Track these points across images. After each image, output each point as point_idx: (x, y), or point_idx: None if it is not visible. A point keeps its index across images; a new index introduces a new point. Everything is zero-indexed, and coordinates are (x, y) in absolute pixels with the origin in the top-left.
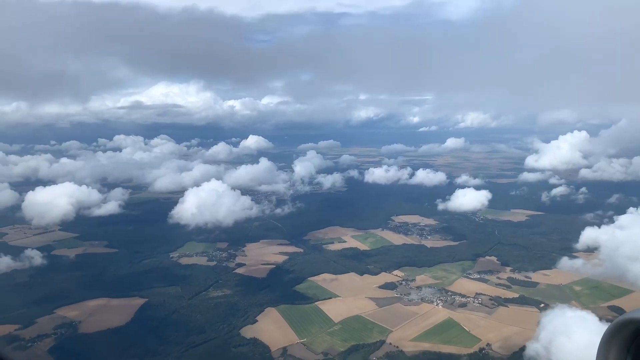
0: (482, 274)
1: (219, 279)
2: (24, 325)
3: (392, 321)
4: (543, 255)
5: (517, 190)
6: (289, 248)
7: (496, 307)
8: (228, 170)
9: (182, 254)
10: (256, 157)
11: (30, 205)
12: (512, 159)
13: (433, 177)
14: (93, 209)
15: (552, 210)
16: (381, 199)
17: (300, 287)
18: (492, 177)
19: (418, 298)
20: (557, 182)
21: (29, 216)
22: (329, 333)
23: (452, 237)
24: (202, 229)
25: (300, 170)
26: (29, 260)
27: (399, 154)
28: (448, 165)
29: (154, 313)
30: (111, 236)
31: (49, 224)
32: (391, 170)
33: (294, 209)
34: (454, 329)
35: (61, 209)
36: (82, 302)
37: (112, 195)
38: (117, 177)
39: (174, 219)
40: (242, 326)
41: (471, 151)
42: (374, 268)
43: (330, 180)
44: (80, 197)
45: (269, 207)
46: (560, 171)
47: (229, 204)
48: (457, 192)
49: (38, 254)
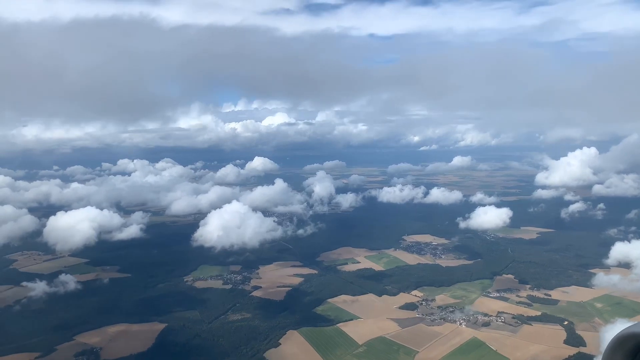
0: (501, 293)
1: (237, 302)
2: (45, 353)
3: (416, 342)
4: (560, 272)
5: (535, 207)
6: (303, 270)
7: (520, 325)
8: (243, 192)
9: (197, 278)
10: (264, 178)
11: (53, 231)
12: (520, 177)
13: (448, 195)
14: (114, 233)
15: (573, 227)
16: (393, 219)
17: (320, 309)
18: (504, 195)
19: (440, 318)
20: (573, 198)
21: (52, 241)
22: (354, 355)
23: (466, 256)
24: (217, 251)
25: (320, 190)
26: (42, 287)
27: (407, 173)
28: (457, 184)
29: (175, 338)
30: (123, 261)
31: (72, 249)
32: (405, 189)
33: (310, 229)
34: (481, 348)
35: (84, 234)
36: (101, 328)
37: (132, 219)
38: (130, 200)
39: (194, 241)
40: (265, 350)
41: (478, 169)
42: (392, 289)
43: (345, 200)
44: (102, 222)
45: (289, 228)
46: (573, 188)
47: (254, 226)
48: (478, 210)
49: (50, 281)
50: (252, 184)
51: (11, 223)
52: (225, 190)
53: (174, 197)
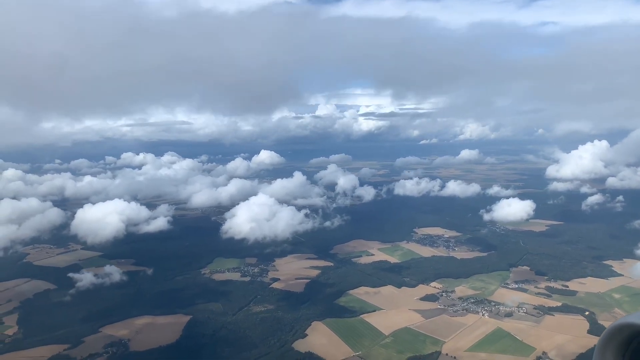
0: (519, 284)
1: (257, 294)
2: (73, 345)
3: (442, 332)
4: (574, 264)
5: (555, 200)
6: (319, 262)
7: (542, 315)
8: (261, 185)
9: (213, 270)
10: (272, 172)
11: (82, 223)
12: (524, 170)
13: (465, 188)
14: (141, 225)
15: (585, 220)
16: (404, 212)
17: (342, 300)
18: (513, 188)
19: (462, 309)
20: (589, 191)
21: (82, 234)
22: (382, 345)
23: (480, 248)
24: (250, 243)
25: (344, 183)
26: (60, 280)
27: (414, 166)
28: (460, 177)
29: (201, 330)
30: (137, 254)
31: (101, 242)
32: (420, 182)
33: (329, 222)
34: (506, 338)
35: (114, 227)
36: (126, 320)
37: (158, 211)
38: (147, 193)
39: (223, 233)
40: (293, 340)
41: (486, 162)
42: (410, 280)
43: (364, 193)
44: (130, 214)
45: (316, 220)
46: (585, 180)
47: (287, 218)
48: (502, 203)
49: (68, 274)
50: (263, 177)
51: (39, 216)
52: (244, 183)
53: (193, 190)
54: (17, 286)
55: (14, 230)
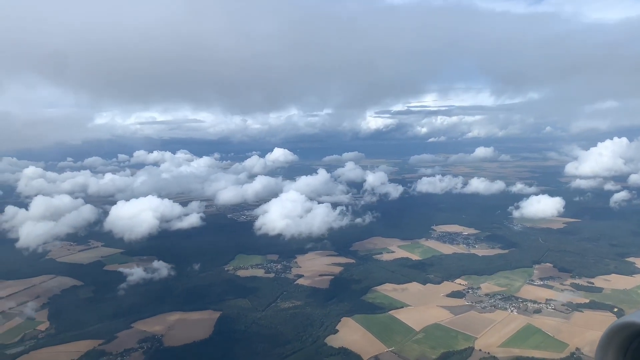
0: (544, 281)
1: (284, 290)
2: (107, 340)
3: (473, 328)
4: (597, 261)
5: (579, 197)
6: (340, 259)
7: (571, 312)
8: (285, 182)
9: (237, 267)
10: (288, 169)
11: (115, 220)
12: (539, 168)
13: (487, 186)
14: (173, 222)
15: (604, 217)
16: (421, 209)
17: (368, 297)
18: (538, 185)
19: (490, 305)
20: (614, 188)
21: (117, 231)
22: (414, 341)
23: (500, 245)
24: (287, 239)
25: (373, 180)
26: (86, 276)
27: (432, 164)
28: (470, 175)
29: (233, 325)
30: (160, 251)
31: (137, 238)
32: (438, 180)
33: (360, 219)
34: (537, 334)
35: (149, 223)
36: (157, 316)
37: (190, 208)
38: (171, 191)
39: (257, 230)
40: (325, 336)
41: (500, 160)
42: (435, 277)
43: (384, 190)
44: (164, 211)
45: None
46: (607, 178)
47: (322, 215)
48: (532, 199)
49: (93, 270)
50: (278, 175)
51: (75, 213)
52: (269, 180)
53: (218, 187)
54: (43, 282)
55: (52, 227)
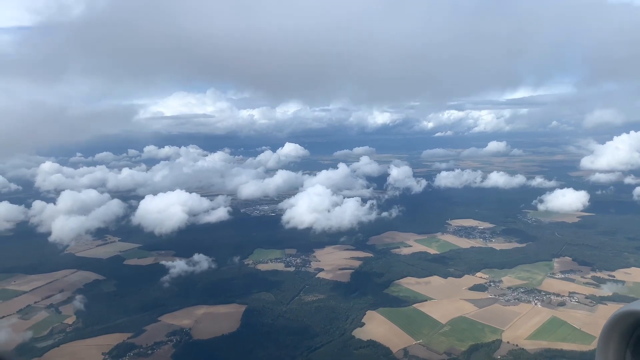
0: (565, 274)
1: (305, 284)
2: (135, 334)
3: (498, 321)
4: (616, 255)
5: (603, 190)
6: (358, 253)
7: (595, 305)
8: (305, 176)
9: (256, 261)
10: (300, 164)
11: (144, 214)
12: (555, 162)
13: (507, 180)
14: (201, 215)
15: (618, 210)
16: (435, 204)
17: (391, 290)
18: (558, 178)
19: (514, 298)
20: (634, 181)
21: (147, 225)
22: (441, 334)
23: (518, 239)
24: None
25: (397, 174)
26: (108, 271)
27: (447, 158)
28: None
29: (259, 319)
30: (175, 245)
31: (167, 232)
32: (464, 174)
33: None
34: (564, 327)
35: (178, 217)
36: (184, 310)
37: (216, 202)
38: (191, 185)
39: (285, 223)
40: (352, 329)
41: (513, 154)
42: (455, 271)
43: (415, 185)
44: (193, 205)
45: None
46: (625, 171)
47: (353, 209)
48: (556, 193)
49: (113, 264)
50: (291, 169)
51: (104, 207)
52: (290, 175)
53: (239, 182)
54: (66, 277)
55: (83, 222)
